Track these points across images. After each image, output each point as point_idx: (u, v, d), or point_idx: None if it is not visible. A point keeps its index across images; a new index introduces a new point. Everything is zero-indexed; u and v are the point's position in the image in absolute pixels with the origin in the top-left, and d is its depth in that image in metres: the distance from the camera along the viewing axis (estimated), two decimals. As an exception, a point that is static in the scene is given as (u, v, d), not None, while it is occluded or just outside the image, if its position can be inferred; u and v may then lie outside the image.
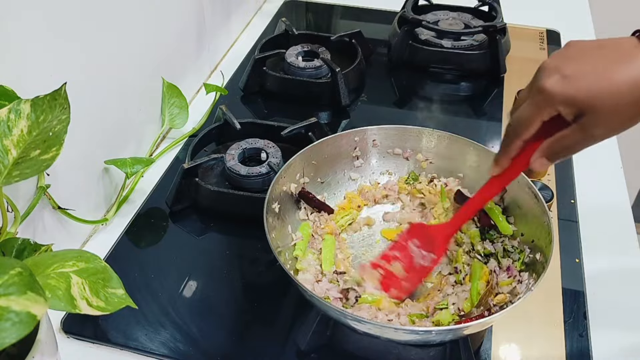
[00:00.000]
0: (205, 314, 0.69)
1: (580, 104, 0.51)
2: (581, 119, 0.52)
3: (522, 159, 0.60)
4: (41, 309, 0.40)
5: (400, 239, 0.71)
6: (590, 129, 0.52)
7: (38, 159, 0.54)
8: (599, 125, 0.52)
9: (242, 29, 1.27)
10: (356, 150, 0.80)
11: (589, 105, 0.51)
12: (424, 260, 0.69)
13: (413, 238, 0.70)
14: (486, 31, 1.11)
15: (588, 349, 0.66)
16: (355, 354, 0.66)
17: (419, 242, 0.70)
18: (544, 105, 0.53)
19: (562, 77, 0.52)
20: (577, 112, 0.52)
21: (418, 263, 0.69)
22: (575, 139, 0.54)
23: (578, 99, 0.51)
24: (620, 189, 0.88)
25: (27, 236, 0.61)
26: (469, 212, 0.68)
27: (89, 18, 0.72)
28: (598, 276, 0.75)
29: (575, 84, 0.51)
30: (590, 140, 0.54)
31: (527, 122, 0.56)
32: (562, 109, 0.53)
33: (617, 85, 0.50)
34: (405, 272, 0.69)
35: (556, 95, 0.52)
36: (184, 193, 0.82)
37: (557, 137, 0.55)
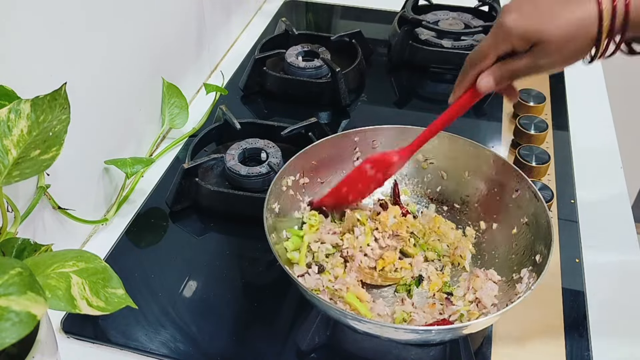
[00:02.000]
0: (205, 314, 0.69)
1: (532, 36, 0.57)
2: (531, 49, 0.58)
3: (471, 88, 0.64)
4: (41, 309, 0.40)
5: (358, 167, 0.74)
6: (538, 57, 0.58)
7: (38, 159, 0.54)
8: (545, 56, 0.58)
9: (242, 29, 1.27)
10: (356, 150, 0.79)
11: (539, 38, 0.57)
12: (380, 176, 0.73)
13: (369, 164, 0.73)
14: (486, 31, 1.11)
15: (588, 349, 0.66)
16: (355, 354, 0.66)
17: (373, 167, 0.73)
18: (501, 39, 0.59)
19: (520, 14, 0.58)
20: (529, 45, 0.58)
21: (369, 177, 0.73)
22: (523, 64, 0.59)
23: (530, 32, 0.57)
24: (620, 189, 0.88)
25: (27, 236, 0.61)
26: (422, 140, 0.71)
27: (89, 18, 0.72)
28: (598, 276, 0.75)
29: (530, 19, 0.57)
30: (535, 68, 0.59)
31: (484, 53, 0.61)
32: (516, 42, 0.58)
33: (566, 20, 0.56)
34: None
35: (513, 29, 0.58)
36: (184, 193, 0.82)
37: (507, 60, 0.61)
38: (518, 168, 0.72)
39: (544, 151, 0.88)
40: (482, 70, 0.62)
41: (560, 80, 1.08)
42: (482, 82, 0.62)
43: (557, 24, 0.56)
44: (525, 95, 0.98)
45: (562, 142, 0.94)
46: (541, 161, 0.86)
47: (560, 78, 1.09)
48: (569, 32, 0.56)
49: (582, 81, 1.09)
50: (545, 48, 0.57)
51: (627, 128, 1.22)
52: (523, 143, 0.91)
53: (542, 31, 0.56)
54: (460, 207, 0.78)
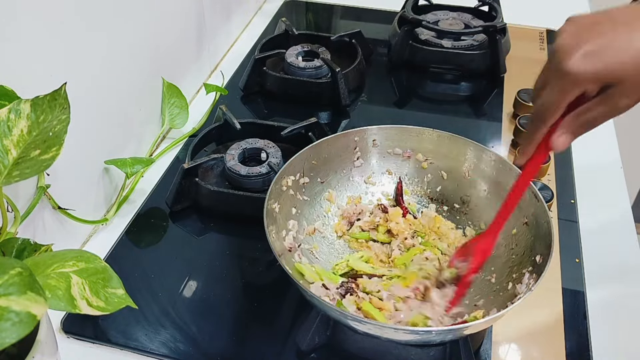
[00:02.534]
0: (205, 314, 0.69)
1: (607, 78, 0.50)
2: (605, 91, 0.51)
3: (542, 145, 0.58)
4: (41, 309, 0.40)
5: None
6: (616, 100, 0.51)
7: (38, 159, 0.54)
8: (624, 95, 0.51)
9: (242, 29, 1.27)
10: (356, 150, 0.79)
11: (616, 77, 0.50)
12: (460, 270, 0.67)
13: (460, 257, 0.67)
14: (486, 31, 1.11)
15: (588, 349, 0.66)
16: (355, 354, 0.66)
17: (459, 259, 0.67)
18: (570, 87, 0.52)
19: (584, 54, 0.50)
20: (603, 86, 0.51)
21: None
22: (600, 111, 0.53)
23: (605, 74, 0.50)
24: (620, 189, 0.88)
25: (27, 236, 0.61)
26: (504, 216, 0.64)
27: (89, 18, 0.72)
28: (598, 276, 0.75)
29: (600, 59, 0.50)
30: (615, 111, 0.52)
31: (554, 106, 0.54)
32: (588, 87, 0.51)
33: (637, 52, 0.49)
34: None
35: (581, 74, 0.50)
36: (184, 193, 0.82)
37: (580, 111, 0.54)
38: (518, 168, 0.72)
39: (544, 151, 0.87)
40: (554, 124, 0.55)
41: (560, 80, 1.08)
42: (559, 141, 0.56)
43: (630, 57, 0.49)
44: (525, 95, 0.98)
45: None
46: (541, 161, 0.86)
47: (560, 78, 1.09)
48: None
49: (582, 81, 1.09)
50: (623, 88, 0.50)
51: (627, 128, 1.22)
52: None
53: (620, 70, 0.49)
54: (460, 207, 0.78)
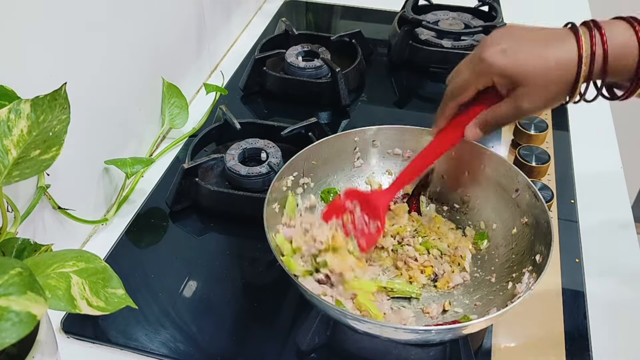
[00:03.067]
0: (205, 314, 0.69)
1: (514, 76, 0.56)
2: (513, 92, 0.57)
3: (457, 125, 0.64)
4: (41, 309, 0.40)
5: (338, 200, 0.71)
6: (520, 101, 0.57)
7: (38, 159, 0.54)
8: (528, 98, 0.57)
9: (242, 29, 1.27)
10: (356, 151, 0.79)
11: (522, 78, 0.56)
12: (367, 227, 0.69)
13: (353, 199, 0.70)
14: (486, 31, 1.11)
15: (588, 349, 0.66)
16: (355, 354, 0.66)
17: (359, 205, 0.70)
18: (481, 74, 0.58)
19: (501, 50, 0.57)
20: (510, 84, 0.57)
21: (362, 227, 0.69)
22: (506, 110, 0.59)
23: (512, 71, 0.56)
24: (620, 189, 0.88)
25: (27, 236, 0.61)
26: (407, 178, 0.69)
27: (89, 18, 0.72)
28: (598, 276, 0.75)
29: (512, 57, 0.56)
30: (519, 113, 0.58)
31: (464, 86, 0.60)
32: (497, 80, 0.58)
33: (547, 62, 0.55)
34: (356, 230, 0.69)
35: (493, 65, 0.57)
36: (184, 193, 0.82)
37: (490, 109, 0.60)
38: (518, 168, 0.72)
39: (544, 151, 0.88)
40: (462, 103, 0.62)
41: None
42: (469, 133, 0.62)
43: (539, 64, 0.55)
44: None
45: (562, 142, 0.94)
46: (541, 161, 0.86)
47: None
48: (549, 74, 0.55)
49: (582, 81, 1.09)
50: (526, 92, 0.56)
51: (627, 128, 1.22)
52: (523, 143, 0.91)
53: (523, 72, 0.56)
54: (460, 207, 0.78)
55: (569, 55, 0.55)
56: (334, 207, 0.71)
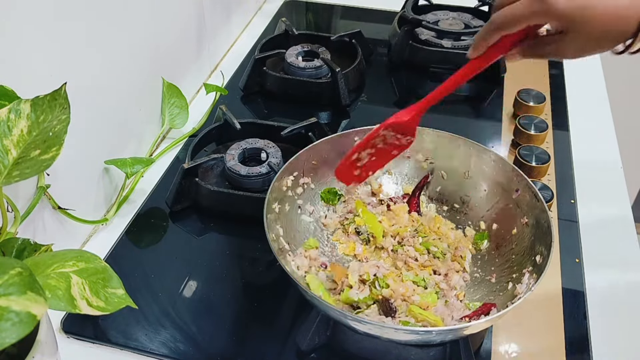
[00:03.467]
0: (205, 314, 0.69)
1: (573, 22, 0.56)
2: (561, 35, 0.58)
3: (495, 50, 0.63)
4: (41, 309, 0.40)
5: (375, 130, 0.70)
6: (564, 43, 0.58)
7: (38, 159, 0.54)
8: (578, 43, 0.57)
9: (242, 29, 1.27)
10: (356, 150, 0.79)
11: (580, 25, 0.55)
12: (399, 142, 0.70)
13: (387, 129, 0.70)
14: (486, 31, 1.10)
15: (588, 349, 0.66)
16: (355, 354, 0.66)
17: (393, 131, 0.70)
18: (540, 13, 0.57)
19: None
20: (561, 28, 0.57)
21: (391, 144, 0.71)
22: (549, 47, 0.60)
23: (574, 16, 0.55)
24: (620, 189, 0.88)
25: (27, 236, 0.61)
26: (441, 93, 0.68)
27: (89, 18, 0.72)
28: (598, 276, 0.75)
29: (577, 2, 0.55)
30: (560, 52, 0.59)
31: (516, 20, 0.58)
32: (553, 21, 0.57)
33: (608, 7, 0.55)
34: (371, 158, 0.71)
35: (557, 9, 0.55)
36: (184, 193, 0.82)
37: (534, 41, 0.61)
38: (518, 168, 0.72)
39: (544, 151, 0.88)
40: (509, 34, 0.60)
41: (560, 80, 1.08)
42: (510, 57, 0.63)
43: (601, 8, 0.54)
44: (525, 95, 0.98)
45: (562, 142, 0.94)
46: (541, 161, 0.86)
47: (561, 78, 1.09)
48: (610, 20, 0.55)
49: (582, 81, 1.09)
50: (580, 36, 0.56)
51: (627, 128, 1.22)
52: (523, 143, 0.91)
53: (587, 18, 0.55)
54: (460, 207, 0.78)
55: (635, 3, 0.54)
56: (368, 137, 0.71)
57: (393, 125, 0.69)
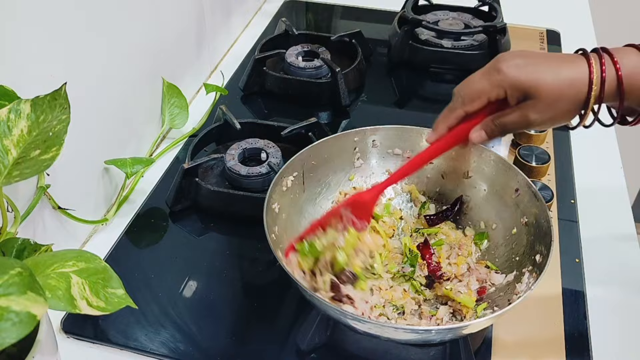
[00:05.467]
0: (205, 314, 0.69)
1: (527, 89, 0.59)
2: (523, 102, 0.60)
3: (457, 133, 0.65)
4: (41, 309, 0.40)
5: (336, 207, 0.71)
6: (529, 112, 0.60)
7: (38, 159, 0.54)
8: (537, 111, 0.60)
9: (242, 29, 1.27)
10: (356, 151, 0.79)
11: (534, 92, 0.59)
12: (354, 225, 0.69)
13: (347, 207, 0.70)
14: (486, 31, 1.11)
15: (588, 349, 0.66)
16: (355, 354, 0.66)
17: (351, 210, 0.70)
18: (495, 84, 0.61)
19: (517, 64, 0.60)
20: (521, 96, 0.60)
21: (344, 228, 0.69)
22: (513, 118, 0.61)
23: (526, 83, 0.59)
24: (620, 189, 0.88)
25: (27, 236, 0.61)
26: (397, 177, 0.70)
27: (89, 18, 0.72)
28: (598, 276, 0.75)
29: (527, 71, 0.59)
30: (524, 123, 0.61)
31: (476, 95, 0.62)
32: (509, 91, 0.60)
33: (560, 78, 0.59)
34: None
35: (508, 77, 0.60)
36: (184, 193, 0.82)
37: (498, 114, 0.63)
38: (518, 168, 0.72)
39: (544, 151, 0.88)
40: (470, 112, 0.64)
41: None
42: (474, 135, 0.64)
43: (551, 79, 0.58)
44: (525, 95, 0.98)
45: (562, 142, 0.94)
46: (541, 161, 0.86)
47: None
48: (561, 90, 0.58)
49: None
50: (536, 104, 0.59)
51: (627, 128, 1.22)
52: (523, 143, 0.91)
53: (537, 85, 0.58)
54: (460, 207, 0.78)
55: (580, 75, 0.58)
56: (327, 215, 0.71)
57: (352, 202, 0.70)
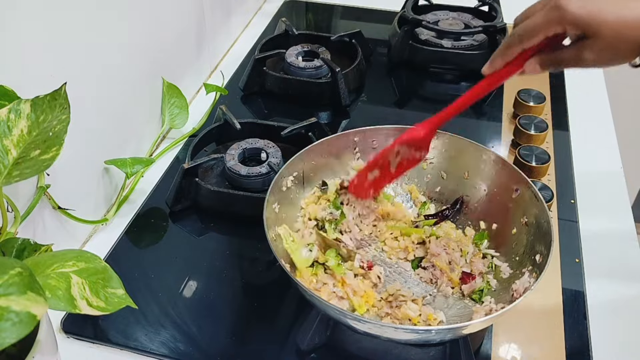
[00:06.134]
0: (205, 314, 0.69)
1: (587, 27, 0.55)
2: (581, 41, 0.57)
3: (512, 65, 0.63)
4: (41, 309, 0.40)
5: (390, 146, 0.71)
6: (585, 51, 0.57)
7: (38, 159, 0.54)
8: (593, 50, 0.56)
9: (242, 29, 1.27)
10: (356, 151, 0.79)
11: (594, 30, 0.55)
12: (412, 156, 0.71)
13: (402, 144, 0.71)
14: (486, 31, 1.11)
15: (588, 349, 0.66)
16: (355, 354, 0.66)
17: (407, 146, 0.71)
18: (555, 21, 0.57)
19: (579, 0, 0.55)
20: (581, 33, 0.56)
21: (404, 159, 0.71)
22: (569, 55, 0.59)
23: (587, 21, 0.55)
24: (620, 189, 0.88)
25: (27, 236, 0.61)
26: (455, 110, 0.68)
27: (89, 18, 0.72)
28: (598, 276, 0.75)
29: (589, 7, 0.55)
30: (580, 60, 0.58)
31: (534, 31, 0.59)
32: (569, 28, 0.57)
33: (625, 18, 0.54)
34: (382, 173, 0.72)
35: (569, 13, 0.56)
36: (184, 193, 0.82)
37: (553, 50, 0.60)
38: (518, 168, 0.72)
39: (544, 151, 0.88)
40: (528, 47, 0.61)
41: (560, 80, 1.08)
42: (529, 67, 0.62)
43: (614, 18, 0.54)
44: (525, 95, 0.98)
45: (562, 142, 0.94)
46: (541, 161, 0.86)
47: (561, 78, 1.09)
48: (624, 30, 0.54)
49: (582, 81, 1.09)
50: (595, 43, 0.56)
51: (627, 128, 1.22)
52: (523, 143, 0.91)
53: (598, 24, 0.55)
54: (460, 207, 0.78)
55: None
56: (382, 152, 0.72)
57: (408, 141, 0.70)
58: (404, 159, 0.71)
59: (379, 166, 0.73)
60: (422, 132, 0.69)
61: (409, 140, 0.70)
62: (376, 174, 0.73)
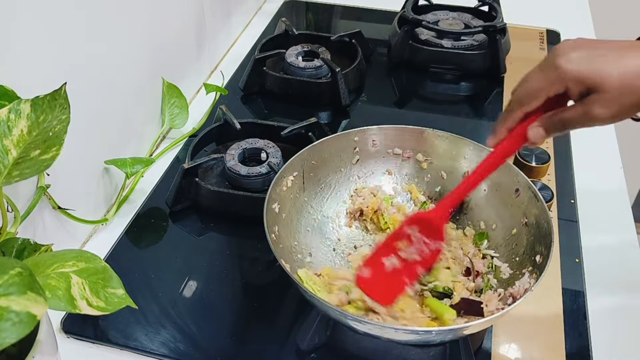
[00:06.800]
0: (205, 314, 0.69)
1: (590, 82, 0.54)
2: (586, 98, 0.55)
3: (517, 133, 0.61)
4: (41, 309, 0.40)
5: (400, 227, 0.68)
6: (593, 107, 0.54)
7: (38, 159, 0.54)
8: (601, 105, 0.54)
9: (242, 29, 1.27)
10: (356, 151, 0.79)
11: (598, 84, 0.53)
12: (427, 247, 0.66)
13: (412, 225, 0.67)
14: (486, 31, 1.11)
15: (588, 349, 0.66)
16: (355, 354, 0.66)
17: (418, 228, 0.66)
18: (555, 81, 0.55)
19: (577, 56, 0.54)
20: (584, 90, 0.55)
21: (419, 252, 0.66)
22: (576, 114, 0.56)
23: (589, 77, 0.54)
24: (620, 189, 0.88)
25: (27, 236, 0.61)
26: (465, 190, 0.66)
27: (89, 18, 0.72)
28: (598, 276, 0.75)
29: (588, 63, 0.54)
30: (588, 119, 0.55)
31: (535, 94, 0.57)
32: (571, 85, 0.55)
33: (627, 69, 0.53)
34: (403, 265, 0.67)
35: (569, 72, 0.54)
36: (184, 193, 0.82)
37: (558, 110, 0.57)
38: (518, 168, 0.72)
39: (544, 151, 0.88)
40: (529, 112, 0.59)
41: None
42: (533, 133, 0.59)
43: (617, 71, 0.53)
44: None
45: (562, 142, 0.94)
46: (541, 161, 0.86)
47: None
48: (628, 82, 0.53)
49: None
50: (601, 97, 0.54)
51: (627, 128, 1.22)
52: (523, 143, 0.91)
53: (601, 76, 0.53)
54: (460, 207, 0.78)
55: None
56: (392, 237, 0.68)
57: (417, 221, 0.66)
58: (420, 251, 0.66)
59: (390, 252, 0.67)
60: (431, 212, 0.66)
61: (417, 221, 0.66)
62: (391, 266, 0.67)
